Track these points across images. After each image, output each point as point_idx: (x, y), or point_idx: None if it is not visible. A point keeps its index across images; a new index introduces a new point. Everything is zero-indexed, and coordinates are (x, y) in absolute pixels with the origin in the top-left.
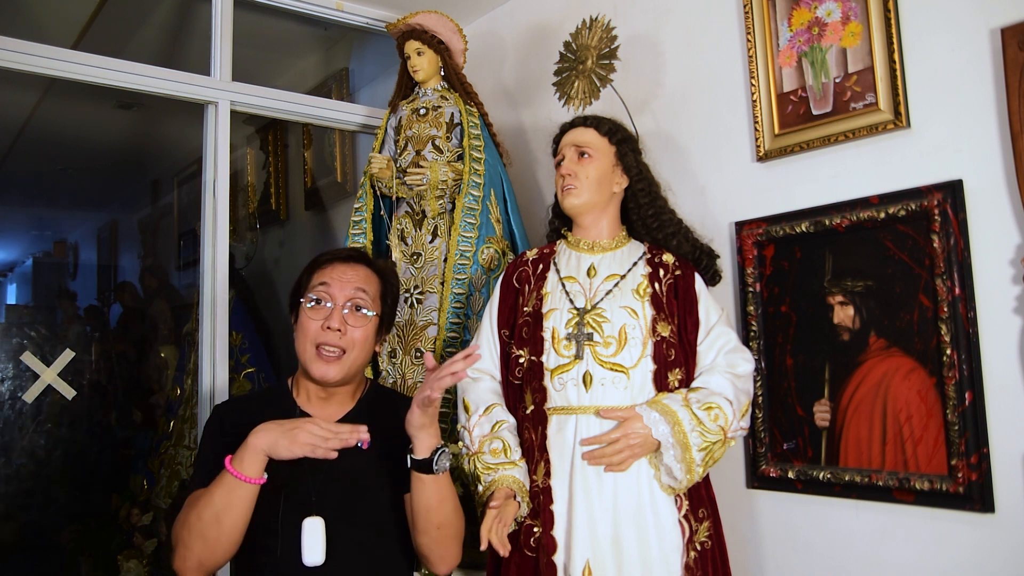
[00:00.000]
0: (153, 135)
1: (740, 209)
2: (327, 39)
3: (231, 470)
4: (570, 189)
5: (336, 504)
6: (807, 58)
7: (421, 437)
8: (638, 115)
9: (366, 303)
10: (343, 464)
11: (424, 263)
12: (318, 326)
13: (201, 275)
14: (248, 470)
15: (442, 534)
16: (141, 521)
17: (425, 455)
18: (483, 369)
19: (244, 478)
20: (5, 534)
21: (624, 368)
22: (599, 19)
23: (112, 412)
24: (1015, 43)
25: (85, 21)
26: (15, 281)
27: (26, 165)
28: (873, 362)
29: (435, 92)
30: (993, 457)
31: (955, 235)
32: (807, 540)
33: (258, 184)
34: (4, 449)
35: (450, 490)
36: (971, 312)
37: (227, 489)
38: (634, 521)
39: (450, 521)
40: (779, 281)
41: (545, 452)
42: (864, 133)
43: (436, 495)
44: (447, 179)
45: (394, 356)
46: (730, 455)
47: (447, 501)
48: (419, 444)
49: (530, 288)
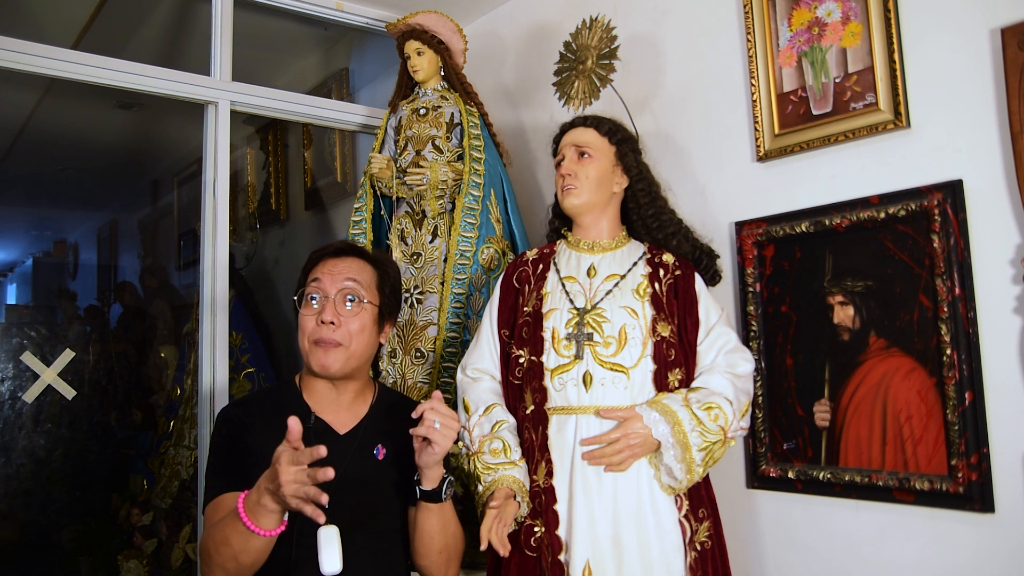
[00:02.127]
0: (153, 135)
1: (740, 209)
2: (327, 39)
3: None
4: (570, 189)
5: (350, 512)
6: (807, 58)
7: (434, 471)
8: (638, 115)
9: (359, 292)
10: (357, 472)
11: (424, 263)
12: (314, 322)
13: (201, 275)
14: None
15: (443, 558)
16: (141, 521)
17: (434, 486)
18: (483, 369)
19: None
20: (5, 534)
21: (624, 368)
22: (599, 19)
23: (112, 412)
24: (1015, 43)
25: (85, 21)
26: (15, 281)
27: (26, 165)
28: (873, 362)
29: (435, 92)
30: (993, 457)
31: (955, 235)
32: (807, 540)
33: (258, 184)
34: (4, 449)
35: (452, 514)
36: (971, 312)
37: (243, 537)
38: (634, 521)
39: (450, 545)
40: (779, 281)
41: (546, 452)
42: (864, 133)
43: (440, 521)
44: (447, 179)
45: (394, 356)
46: (730, 455)
47: (449, 524)
48: (429, 476)
49: (530, 288)
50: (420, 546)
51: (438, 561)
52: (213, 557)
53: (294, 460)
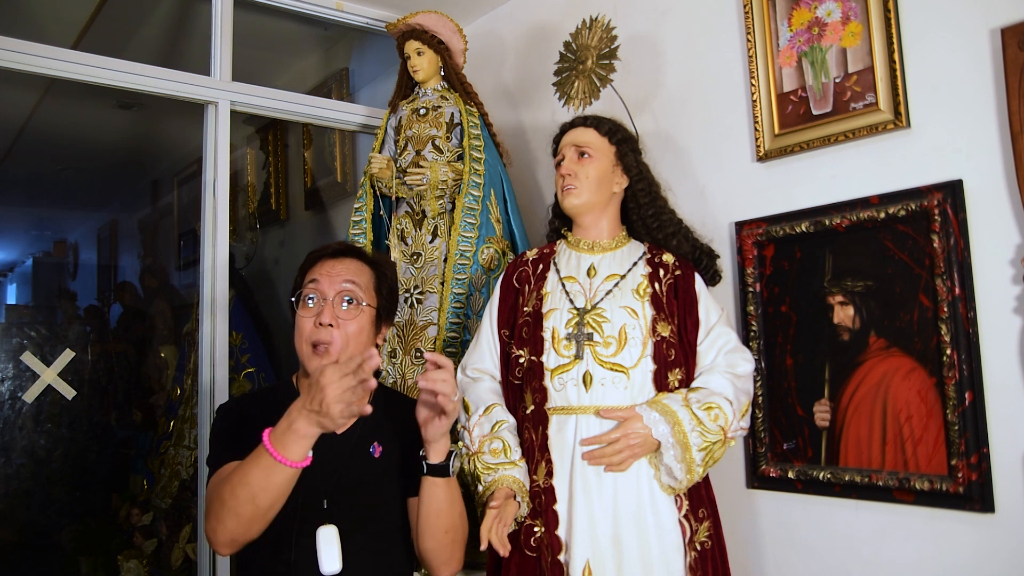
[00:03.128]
0: (153, 135)
1: (740, 209)
2: (327, 39)
3: (273, 452)
4: (570, 189)
5: (349, 512)
6: (807, 58)
7: (441, 443)
8: (638, 115)
9: (357, 294)
10: (355, 471)
11: (424, 263)
12: (311, 324)
13: (201, 275)
14: (292, 454)
15: (448, 538)
16: (141, 521)
17: (441, 459)
18: (483, 369)
19: (288, 462)
20: (5, 534)
21: (624, 368)
22: (599, 19)
23: (112, 412)
24: (1015, 43)
25: (85, 21)
26: (15, 281)
27: (26, 165)
28: (873, 362)
29: (435, 92)
30: (993, 457)
31: (955, 235)
32: (807, 540)
33: (258, 184)
34: (4, 449)
35: (458, 493)
36: (971, 312)
37: (265, 470)
38: (634, 521)
39: (456, 525)
40: (779, 281)
41: (546, 452)
42: (864, 133)
43: (447, 498)
44: (447, 179)
45: (394, 356)
46: (730, 455)
47: (456, 503)
48: (436, 449)
49: (530, 288)
50: (426, 526)
51: (443, 541)
52: (227, 502)
53: (342, 371)
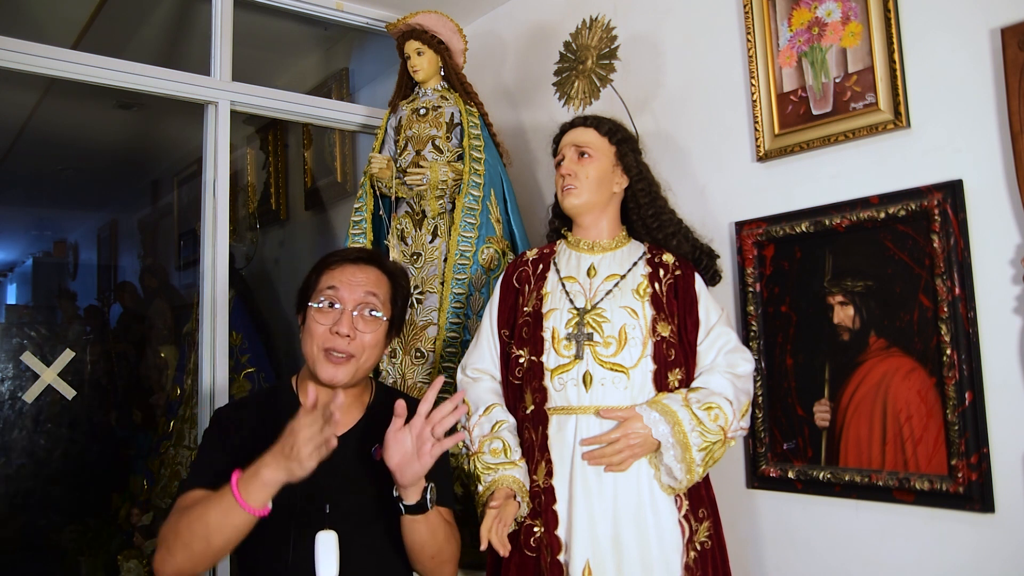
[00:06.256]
0: (153, 135)
1: (740, 209)
2: (327, 39)
3: (237, 496)
4: (570, 189)
5: (349, 514)
6: (807, 58)
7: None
8: (638, 115)
9: (376, 307)
10: (355, 473)
11: (424, 263)
12: (326, 330)
13: (201, 275)
14: (253, 500)
15: (435, 562)
16: (141, 521)
17: (418, 498)
18: (483, 369)
19: (249, 509)
20: (5, 534)
21: (624, 368)
22: (599, 19)
23: (112, 412)
24: (1015, 43)
25: (85, 21)
26: (15, 281)
27: (26, 165)
28: (873, 362)
29: (435, 92)
30: (993, 457)
31: (955, 235)
32: (807, 540)
33: (258, 184)
34: (4, 449)
35: (438, 519)
36: (971, 312)
37: (224, 511)
38: (634, 521)
39: (442, 549)
40: (779, 281)
41: (546, 452)
42: (864, 133)
43: (427, 529)
44: (447, 179)
45: (394, 356)
46: (730, 455)
47: (438, 530)
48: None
49: (530, 288)
50: (412, 555)
51: (431, 566)
52: (181, 535)
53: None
